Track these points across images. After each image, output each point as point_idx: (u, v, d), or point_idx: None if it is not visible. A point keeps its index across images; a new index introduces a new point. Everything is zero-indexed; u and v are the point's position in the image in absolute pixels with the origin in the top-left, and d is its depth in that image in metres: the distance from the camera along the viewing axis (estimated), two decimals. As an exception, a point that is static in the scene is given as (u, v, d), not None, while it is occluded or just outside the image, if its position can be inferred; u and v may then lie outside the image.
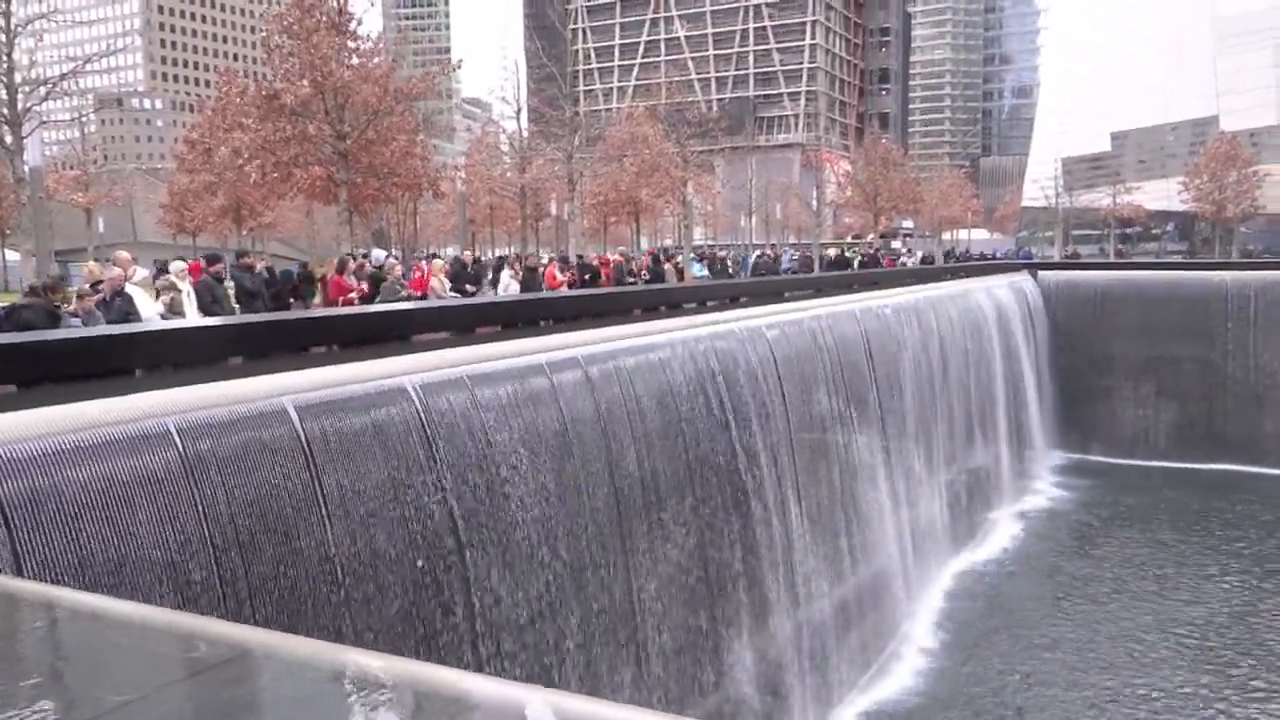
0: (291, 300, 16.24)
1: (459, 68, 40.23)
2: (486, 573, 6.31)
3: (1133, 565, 17.13)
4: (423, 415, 6.02)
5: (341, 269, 16.68)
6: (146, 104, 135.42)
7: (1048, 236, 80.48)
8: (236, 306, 14.78)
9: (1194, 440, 24.22)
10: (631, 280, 23.91)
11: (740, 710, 9.71)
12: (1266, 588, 15.98)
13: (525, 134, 48.57)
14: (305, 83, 24.53)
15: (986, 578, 16.65)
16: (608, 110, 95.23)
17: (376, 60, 26.85)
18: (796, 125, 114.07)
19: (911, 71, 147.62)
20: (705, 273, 28.83)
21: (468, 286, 18.70)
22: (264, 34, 27.87)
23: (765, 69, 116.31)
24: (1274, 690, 12.31)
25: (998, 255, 60.71)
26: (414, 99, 28.03)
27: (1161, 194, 74.42)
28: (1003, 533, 19.13)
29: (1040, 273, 26.95)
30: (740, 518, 9.93)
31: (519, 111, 47.08)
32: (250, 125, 26.11)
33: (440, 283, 16.59)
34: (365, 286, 15.65)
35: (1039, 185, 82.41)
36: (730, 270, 31.21)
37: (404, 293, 14.77)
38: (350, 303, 14.99)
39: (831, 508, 12.19)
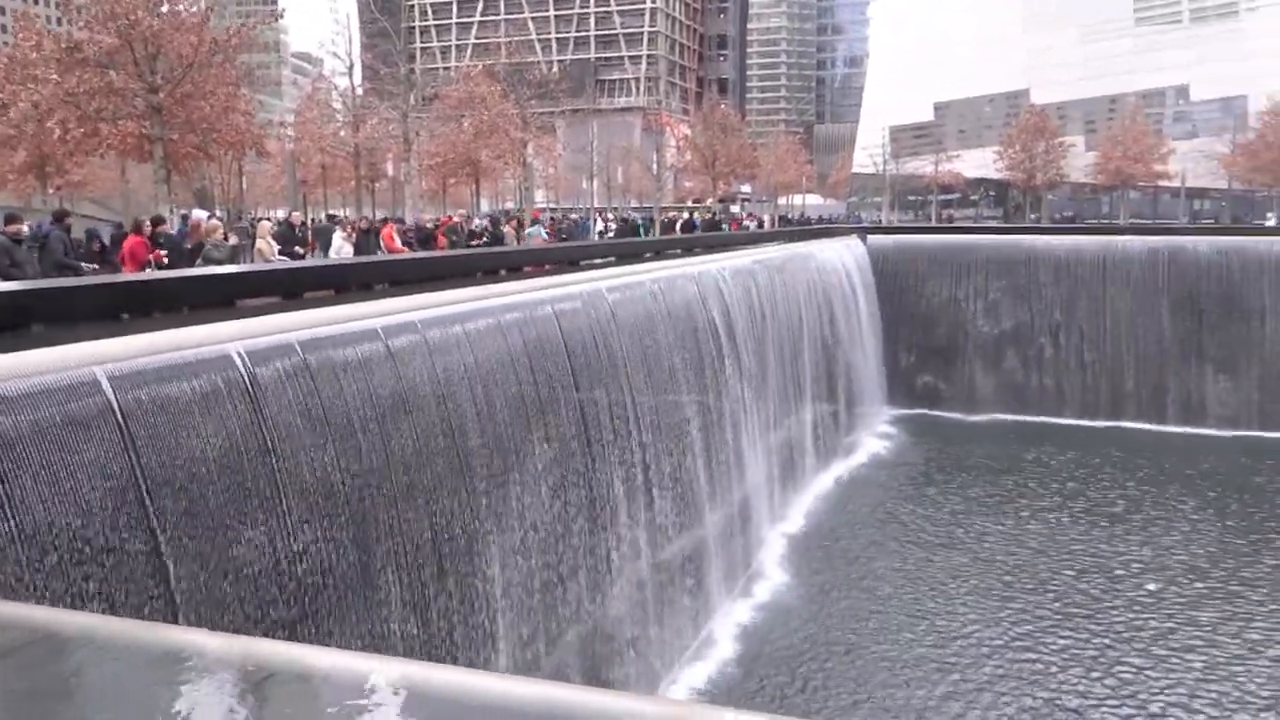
0: (98, 265, 15.11)
1: (282, 18, 38.26)
2: (321, 548, 6.13)
3: (951, 511, 18.27)
4: (249, 383, 5.75)
5: (138, 230, 15.62)
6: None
7: (875, 202, 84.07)
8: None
9: (1009, 395, 25.98)
10: (472, 243, 23.54)
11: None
12: (1065, 523, 17.43)
13: (358, 91, 46.79)
14: (109, 31, 22.78)
15: (818, 527, 17.40)
16: (445, 69, 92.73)
17: (193, 9, 25.21)
18: (637, 89, 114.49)
19: (749, 38, 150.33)
20: (545, 237, 28.72)
21: (297, 249, 17.96)
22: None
23: (606, 31, 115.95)
24: (1069, 621, 13.43)
25: (831, 219, 62.96)
26: (234, 50, 26.51)
27: (979, 162, 78.92)
28: (835, 479, 20.06)
29: (870, 237, 28.12)
30: (590, 479, 9.99)
31: (351, 67, 45.31)
32: (49, 78, 24.08)
33: (268, 245, 15.85)
34: (165, 256, 14.61)
35: (868, 152, 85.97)
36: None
37: (226, 255, 14.02)
38: (140, 268, 14.07)
39: (661, 466, 12.43)
